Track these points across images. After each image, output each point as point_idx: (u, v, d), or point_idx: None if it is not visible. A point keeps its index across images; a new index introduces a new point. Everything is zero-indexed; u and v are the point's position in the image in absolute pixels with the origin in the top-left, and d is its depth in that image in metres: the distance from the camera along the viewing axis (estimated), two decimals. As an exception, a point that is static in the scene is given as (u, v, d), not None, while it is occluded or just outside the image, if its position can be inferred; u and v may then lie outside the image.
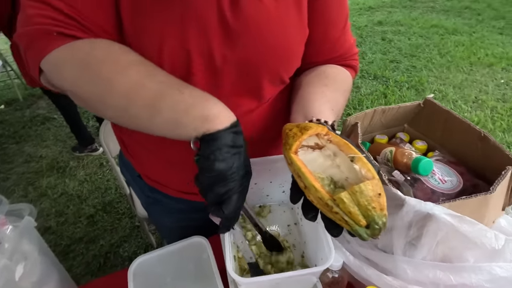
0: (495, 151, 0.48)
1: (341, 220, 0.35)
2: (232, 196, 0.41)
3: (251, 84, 0.52)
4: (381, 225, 0.34)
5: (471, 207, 0.42)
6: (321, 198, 0.36)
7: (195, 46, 0.47)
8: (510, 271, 0.41)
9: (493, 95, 2.35)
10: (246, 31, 0.47)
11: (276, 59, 0.51)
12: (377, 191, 0.35)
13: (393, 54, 3.01)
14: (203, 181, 0.40)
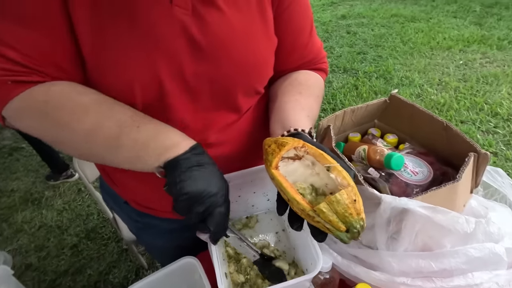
0: (458, 139, 0.52)
1: (323, 227, 0.38)
2: (214, 212, 0.42)
3: (226, 98, 0.53)
4: (359, 228, 0.37)
5: (442, 196, 0.44)
6: (303, 209, 0.39)
7: (166, 72, 0.47)
8: (483, 251, 0.44)
9: (455, 76, 2.49)
10: (214, 47, 0.48)
11: (247, 71, 0.52)
12: (352, 197, 0.38)
13: (359, 46, 3.11)
14: (179, 206, 0.41)
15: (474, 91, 2.28)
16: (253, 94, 0.56)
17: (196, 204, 0.41)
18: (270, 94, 0.63)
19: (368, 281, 0.48)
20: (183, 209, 0.41)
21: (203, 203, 0.41)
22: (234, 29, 0.49)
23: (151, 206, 0.64)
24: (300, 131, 0.50)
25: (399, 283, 0.45)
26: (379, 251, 0.48)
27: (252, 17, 0.51)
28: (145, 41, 0.44)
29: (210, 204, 0.41)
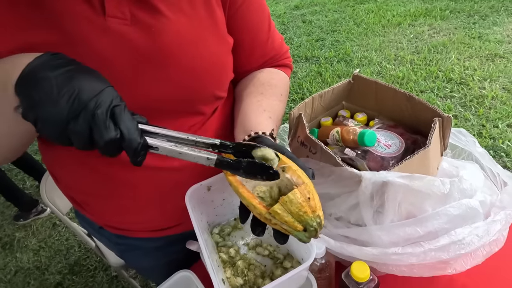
0: (421, 107, 0.54)
1: (281, 229, 0.37)
2: (116, 110, 0.32)
3: (185, 107, 0.51)
4: (316, 226, 0.36)
5: (416, 163, 0.46)
6: (260, 213, 0.37)
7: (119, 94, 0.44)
8: (461, 208, 0.46)
9: (408, 49, 2.62)
10: (161, 55, 0.45)
11: (199, 78, 0.50)
12: (306, 195, 0.37)
13: (316, 33, 3.18)
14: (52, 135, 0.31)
15: (428, 61, 2.42)
16: (212, 99, 0.54)
17: (68, 120, 0.31)
18: (235, 95, 0.62)
19: (362, 258, 0.49)
20: (58, 139, 0.32)
21: (75, 118, 0.31)
22: (181, 35, 0.46)
23: (125, 227, 0.61)
24: (261, 134, 0.48)
25: (391, 253, 0.47)
26: (367, 227, 0.49)
27: (200, 21, 0.48)
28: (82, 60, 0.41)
29: (82, 117, 0.31)
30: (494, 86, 2.06)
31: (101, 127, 0.31)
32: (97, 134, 0.31)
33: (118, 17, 0.42)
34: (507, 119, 1.82)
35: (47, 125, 0.31)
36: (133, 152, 0.33)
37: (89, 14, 0.41)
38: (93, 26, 0.41)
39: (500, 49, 2.36)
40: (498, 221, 0.48)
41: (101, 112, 0.31)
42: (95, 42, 0.41)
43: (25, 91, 0.32)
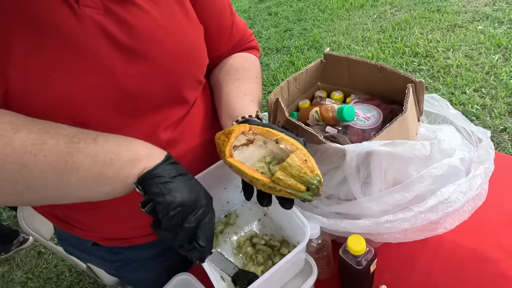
0: (394, 76, 0.55)
1: (286, 194, 0.40)
2: (205, 225, 0.38)
3: (172, 94, 0.50)
4: (317, 184, 0.39)
5: (396, 130, 0.47)
6: (264, 184, 0.40)
7: (102, 90, 0.42)
8: (443, 167, 0.48)
9: (374, 29, 2.68)
10: (143, 44, 0.45)
11: (186, 62, 0.50)
12: (303, 158, 0.40)
13: (283, 24, 3.19)
14: (170, 222, 0.36)
15: (393, 39, 2.49)
16: (196, 84, 0.55)
17: (190, 216, 0.37)
18: (212, 85, 0.62)
19: (356, 231, 0.49)
20: (174, 226, 0.36)
21: (196, 214, 0.37)
22: (159, 23, 0.46)
23: (125, 236, 0.59)
24: (248, 117, 0.50)
25: (384, 222, 0.47)
26: (357, 200, 0.49)
27: (172, 9, 0.49)
28: (62, 51, 0.39)
29: (202, 216, 0.38)
30: (457, 55, 2.15)
31: (210, 227, 0.39)
32: (205, 231, 0.38)
33: (91, 6, 0.41)
34: (473, 85, 1.90)
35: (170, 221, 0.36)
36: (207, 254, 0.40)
37: (62, 2, 0.39)
38: (68, 14, 0.39)
39: (458, 19, 2.46)
40: (479, 175, 0.49)
41: (213, 218, 0.40)
42: (72, 29, 0.39)
43: (158, 190, 0.37)
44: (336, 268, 0.62)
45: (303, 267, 0.55)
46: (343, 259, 0.52)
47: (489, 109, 1.74)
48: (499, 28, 2.25)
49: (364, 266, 0.50)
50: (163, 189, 0.36)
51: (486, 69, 1.96)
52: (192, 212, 0.37)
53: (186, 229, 0.37)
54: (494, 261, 0.58)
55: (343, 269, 0.54)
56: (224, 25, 0.59)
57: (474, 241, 0.61)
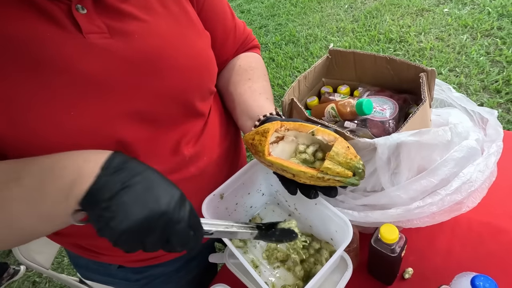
0: (403, 66, 0.57)
1: (334, 182, 0.41)
2: (173, 231, 0.33)
3: (186, 109, 0.49)
4: (362, 167, 0.41)
5: (419, 119, 0.49)
6: (312, 176, 0.41)
7: (112, 112, 0.40)
8: (463, 150, 0.50)
9: (347, 20, 2.75)
10: (153, 59, 0.43)
11: (197, 74, 0.49)
12: (345, 145, 0.42)
13: (258, 21, 3.19)
14: (124, 247, 0.32)
15: (367, 27, 2.56)
16: (208, 95, 0.54)
17: (146, 234, 0.31)
18: (221, 88, 0.62)
19: (387, 221, 0.51)
20: (131, 247, 0.32)
21: (154, 228, 0.32)
22: (165, 36, 0.45)
23: (155, 254, 0.57)
24: (269, 115, 0.51)
25: (414, 208, 0.49)
26: (385, 190, 0.51)
27: (176, 19, 0.47)
28: (73, 87, 0.37)
29: (164, 226, 0.32)
30: (429, 38, 2.25)
31: (183, 234, 0.34)
32: (176, 240, 0.34)
33: (95, 32, 0.38)
34: (447, 65, 2.00)
35: (125, 240, 0.31)
36: (195, 245, 0.36)
37: (64, 36, 0.37)
38: (72, 47, 0.37)
39: (425, 3, 2.57)
40: (493, 153, 0.52)
41: (185, 223, 0.33)
42: (80, 62, 0.37)
43: (99, 216, 0.31)
44: (362, 257, 0.64)
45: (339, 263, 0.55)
46: (375, 249, 0.53)
47: (465, 87, 1.84)
48: (463, 9, 2.38)
49: (398, 253, 0.52)
50: (104, 214, 0.30)
51: (457, 49, 2.07)
52: (147, 230, 0.31)
53: (148, 245, 0.33)
54: (508, 231, 0.62)
55: (376, 257, 0.56)
56: (228, 29, 0.59)
57: (487, 215, 0.65)
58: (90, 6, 0.39)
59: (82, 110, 0.38)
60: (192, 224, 0.34)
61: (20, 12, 0.35)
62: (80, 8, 0.38)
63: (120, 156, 0.34)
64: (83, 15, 0.38)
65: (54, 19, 0.36)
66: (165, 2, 0.46)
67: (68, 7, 0.37)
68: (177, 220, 0.33)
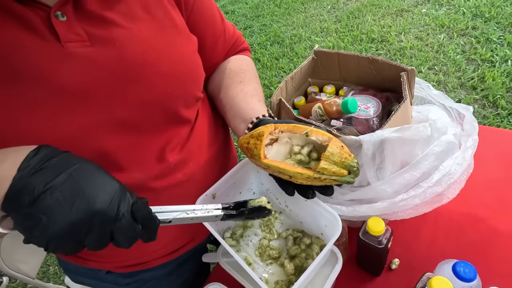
0: (385, 66, 0.59)
1: (330, 181, 0.42)
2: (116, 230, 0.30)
3: (171, 116, 0.49)
4: (357, 165, 0.42)
5: (401, 116, 0.51)
6: (309, 177, 0.42)
7: (91, 122, 0.40)
8: (442, 144, 0.53)
9: (330, 20, 2.80)
10: (136, 66, 0.43)
11: (181, 81, 0.49)
12: (339, 145, 0.42)
13: (242, 22, 3.20)
14: (60, 250, 0.29)
15: (350, 27, 2.62)
16: (193, 102, 0.54)
17: (81, 236, 0.29)
18: (212, 91, 0.62)
19: (375, 214, 0.53)
20: (69, 250, 0.29)
21: (90, 230, 0.29)
22: (148, 43, 0.44)
23: (144, 260, 0.57)
24: (262, 117, 0.51)
25: (398, 201, 0.51)
26: (371, 185, 0.53)
27: (160, 25, 0.46)
28: (51, 97, 0.37)
29: (102, 225, 0.29)
30: (409, 37, 2.32)
31: (126, 230, 0.31)
32: (121, 237, 0.31)
33: (75, 40, 0.38)
34: (426, 64, 2.08)
35: (56, 245, 0.28)
36: (153, 236, 0.34)
37: (42, 45, 0.36)
38: (50, 56, 0.36)
39: (404, 4, 2.66)
40: (469, 147, 0.56)
41: (125, 219, 0.31)
42: (57, 72, 0.37)
43: (22, 222, 0.28)
44: (351, 250, 0.66)
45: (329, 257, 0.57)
46: (363, 241, 0.56)
47: (444, 84, 1.92)
48: (440, 9, 2.47)
49: (384, 245, 0.54)
50: (25, 225, 0.27)
51: (436, 48, 2.15)
52: (83, 233, 0.29)
53: (91, 246, 0.30)
54: (485, 219, 0.66)
55: (364, 250, 0.58)
56: (217, 32, 0.59)
57: (467, 206, 0.68)
58: (71, 13, 0.38)
59: (60, 121, 0.38)
60: (139, 218, 0.32)
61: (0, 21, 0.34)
62: (60, 15, 0.37)
63: (43, 152, 0.30)
64: (62, 23, 0.37)
65: (32, 28, 0.36)
66: (149, 8, 0.45)
67: (47, 15, 0.37)
68: (116, 218, 0.30)
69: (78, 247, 0.30)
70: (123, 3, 0.42)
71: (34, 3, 0.35)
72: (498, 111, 1.68)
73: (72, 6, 0.38)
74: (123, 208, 0.31)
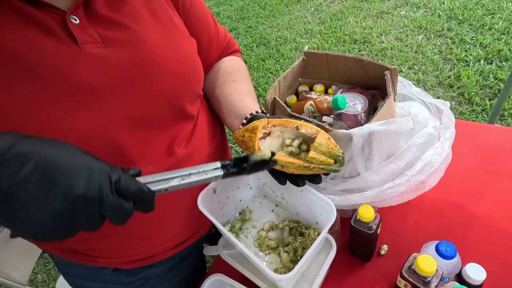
0: (370, 65, 0.64)
1: (318, 170, 0.46)
2: (105, 211, 0.29)
3: (178, 112, 0.52)
4: (342, 155, 0.46)
5: (386, 111, 0.56)
6: (299, 166, 0.45)
7: (108, 120, 0.43)
8: (423, 136, 0.58)
9: (314, 22, 2.87)
10: (147, 66, 0.46)
11: (186, 79, 0.52)
12: (326, 137, 0.46)
13: (227, 23, 3.23)
14: (52, 238, 0.28)
15: (333, 29, 2.70)
16: (196, 98, 0.57)
17: (68, 223, 0.28)
18: (206, 90, 0.65)
19: (365, 202, 0.58)
20: (62, 236, 0.29)
21: (77, 215, 0.28)
22: (157, 43, 0.47)
23: (151, 254, 0.59)
24: (255, 113, 0.55)
25: (386, 189, 0.56)
26: (361, 175, 0.57)
27: (165, 27, 0.50)
28: (70, 95, 0.39)
29: (88, 209, 0.28)
30: (389, 39, 2.42)
31: (114, 210, 0.30)
32: (111, 216, 0.30)
33: (90, 42, 0.40)
34: (406, 63, 2.18)
35: (44, 235, 0.28)
36: (149, 207, 0.33)
37: (60, 47, 0.38)
38: (67, 57, 0.39)
39: (384, 6, 2.77)
40: (447, 138, 0.61)
41: (110, 199, 0.29)
42: (76, 71, 0.39)
43: None
44: (343, 239, 0.70)
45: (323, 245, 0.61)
46: (355, 228, 0.60)
47: (423, 83, 2.02)
48: (417, 12, 2.59)
49: (374, 230, 0.59)
50: (4, 222, 0.26)
51: (415, 48, 2.26)
52: (70, 220, 0.28)
53: (83, 228, 0.29)
54: (463, 205, 0.72)
55: (355, 236, 0.62)
56: (211, 35, 0.62)
57: (447, 193, 0.74)
58: (82, 16, 0.40)
59: (79, 117, 0.40)
60: (127, 195, 0.31)
61: (18, 25, 0.36)
62: (73, 18, 0.40)
63: (4, 141, 0.26)
64: (76, 26, 0.40)
65: (49, 31, 0.38)
66: (153, 10, 0.48)
67: (62, 18, 0.39)
68: (100, 199, 0.28)
69: (70, 233, 0.29)
70: (128, 5, 0.45)
71: (49, 8, 0.37)
72: (473, 107, 1.79)
73: (83, 10, 0.40)
74: (106, 188, 0.29)
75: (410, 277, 0.51)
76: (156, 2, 0.48)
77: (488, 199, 0.72)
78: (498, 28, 2.17)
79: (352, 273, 0.66)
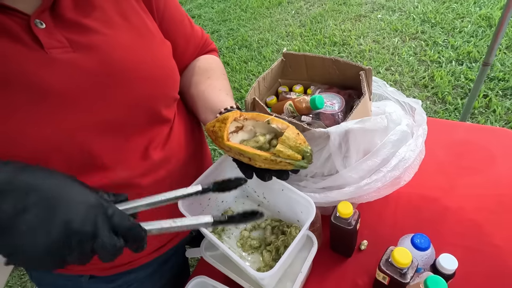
0: (346, 66, 0.66)
1: (286, 165, 0.45)
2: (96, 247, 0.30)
3: (154, 116, 0.52)
4: (310, 151, 0.46)
5: (361, 110, 0.58)
6: (266, 158, 0.45)
7: (77, 125, 0.42)
8: (397, 133, 0.60)
9: (295, 25, 2.92)
10: (119, 71, 0.45)
11: (162, 84, 0.52)
12: (296, 132, 0.46)
13: (209, 26, 3.22)
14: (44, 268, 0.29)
15: (313, 32, 2.75)
16: (172, 102, 0.57)
17: (62, 256, 0.29)
18: (182, 89, 0.64)
19: (344, 198, 0.59)
20: (53, 266, 0.29)
21: (70, 249, 0.29)
22: (128, 48, 0.46)
23: (128, 259, 0.58)
24: (230, 108, 0.54)
25: (364, 185, 0.58)
26: (340, 172, 0.59)
27: (138, 31, 0.49)
28: (37, 102, 0.38)
29: (80, 245, 0.29)
30: (367, 41, 2.50)
31: (107, 247, 0.30)
32: (102, 253, 0.30)
33: (57, 47, 0.39)
34: (384, 65, 2.25)
35: (36, 265, 0.29)
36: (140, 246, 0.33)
37: (25, 52, 0.37)
38: (34, 63, 0.37)
39: (361, 10, 2.85)
40: (420, 135, 0.64)
41: (105, 237, 0.30)
42: (43, 77, 0.38)
43: None
44: (325, 237, 0.72)
45: (305, 242, 0.62)
46: (335, 224, 0.61)
47: (400, 84, 2.10)
48: (393, 15, 2.69)
49: (353, 226, 0.60)
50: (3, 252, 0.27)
51: (391, 50, 2.34)
52: (63, 253, 0.29)
53: (74, 262, 0.30)
54: (437, 199, 0.75)
55: (336, 232, 0.64)
56: (187, 36, 0.62)
57: (422, 188, 0.77)
58: (49, 21, 0.39)
59: (47, 124, 0.39)
60: (120, 232, 0.31)
61: None
62: (39, 23, 0.38)
63: (5, 171, 0.27)
64: (42, 30, 0.38)
65: (13, 36, 0.37)
66: (125, 15, 0.47)
67: (26, 23, 0.37)
68: (93, 235, 0.29)
69: (60, 265, 0.30)
70: (99, 10, 0.44)
71: (13, 12, 0.36)
72: (446, 106, 1.87)
73: (50, 14, 0.39)
74: (101, 224, 0.30)
75: (387, 269, 0.53)
76: (128, 6, 0.47)
77: (459, 192, 0.76)
78: (468, 31, 2.29)
79: (334, 269, 0.68)
